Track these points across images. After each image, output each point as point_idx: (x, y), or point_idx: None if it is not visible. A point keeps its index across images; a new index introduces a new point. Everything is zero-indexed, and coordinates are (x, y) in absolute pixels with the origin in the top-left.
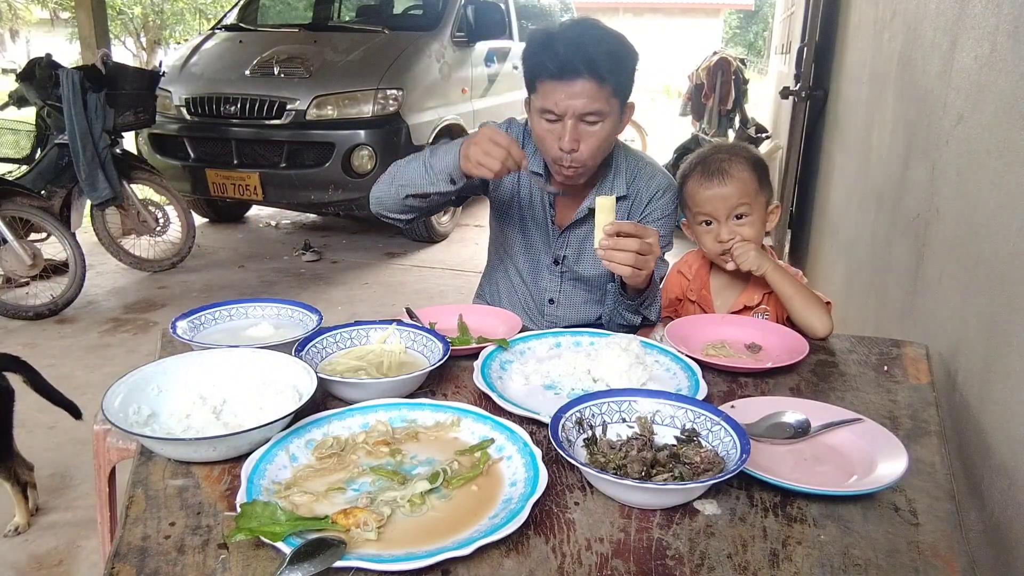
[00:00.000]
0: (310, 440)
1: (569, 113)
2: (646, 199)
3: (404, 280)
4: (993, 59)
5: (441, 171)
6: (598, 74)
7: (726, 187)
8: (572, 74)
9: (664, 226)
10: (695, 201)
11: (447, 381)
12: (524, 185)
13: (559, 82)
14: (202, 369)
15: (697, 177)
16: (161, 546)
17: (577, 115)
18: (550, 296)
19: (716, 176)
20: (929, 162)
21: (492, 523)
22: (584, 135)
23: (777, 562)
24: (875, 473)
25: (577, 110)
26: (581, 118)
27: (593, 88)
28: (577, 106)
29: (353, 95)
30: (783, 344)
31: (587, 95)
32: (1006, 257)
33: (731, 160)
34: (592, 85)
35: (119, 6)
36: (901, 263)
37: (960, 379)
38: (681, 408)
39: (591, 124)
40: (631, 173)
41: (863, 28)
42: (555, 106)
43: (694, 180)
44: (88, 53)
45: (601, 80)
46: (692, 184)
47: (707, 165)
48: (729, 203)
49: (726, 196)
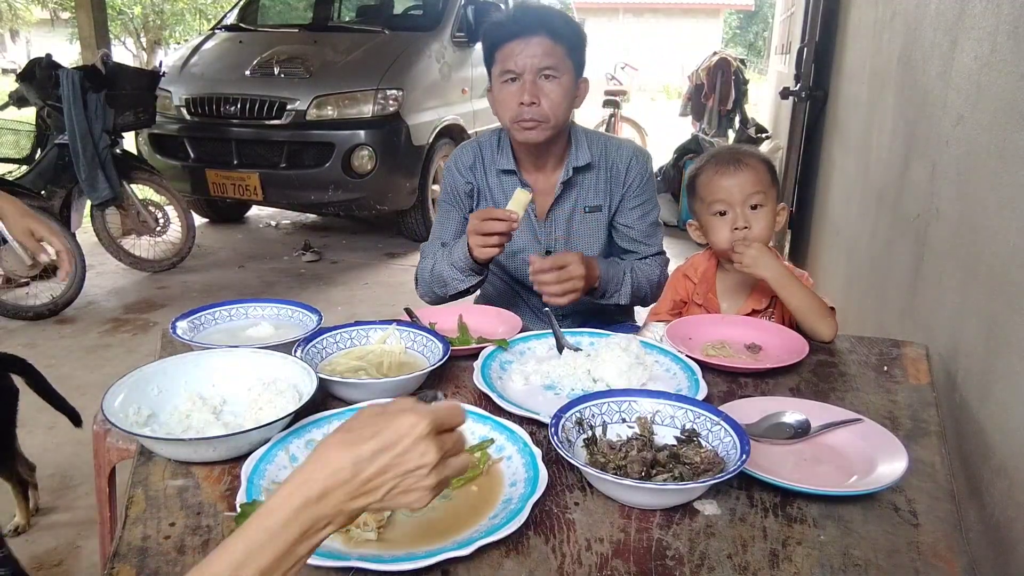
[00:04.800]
0: (310, 440)
1: (528, 69)
2: (623, 168)
3: (404, 280)
4: (993, 59)
5: (464, 268)
6: (553, 30)
7: (742, 174)
8: (529, 31)
9: (647, 190)
10: (709, 190)
11: (447, 381)
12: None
13: (518, 40)
14: (202, 369)
15: (712, 167)
16: (161, 546)
17: (536, 70)
18: None
19: (732, 163)
20: (929, 162)
21: (492, 523)
22: (543, 90)
23: (777, 562)
24: (875, 473)
25: (535, 65)
26: (539, 73)
27: (549, 44)
28: (535, 62)
29: (353, 95)
30: (783, 344)
31: (544, 50)
32: (1006, 257)
33: (745, 152)
34: (548, 41)
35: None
36: (901, 263)
37: (960, 379)
38: (681, 408)
39: (548, 79)
40: (597, 146)
41: (863, 28)
42: (514, 64)
43: (708, 171)
44: (88, 53)
45: (556, 36)
46: (706, 175)
47: (721, 156)
48: (745, 190)
49: (742, 183)
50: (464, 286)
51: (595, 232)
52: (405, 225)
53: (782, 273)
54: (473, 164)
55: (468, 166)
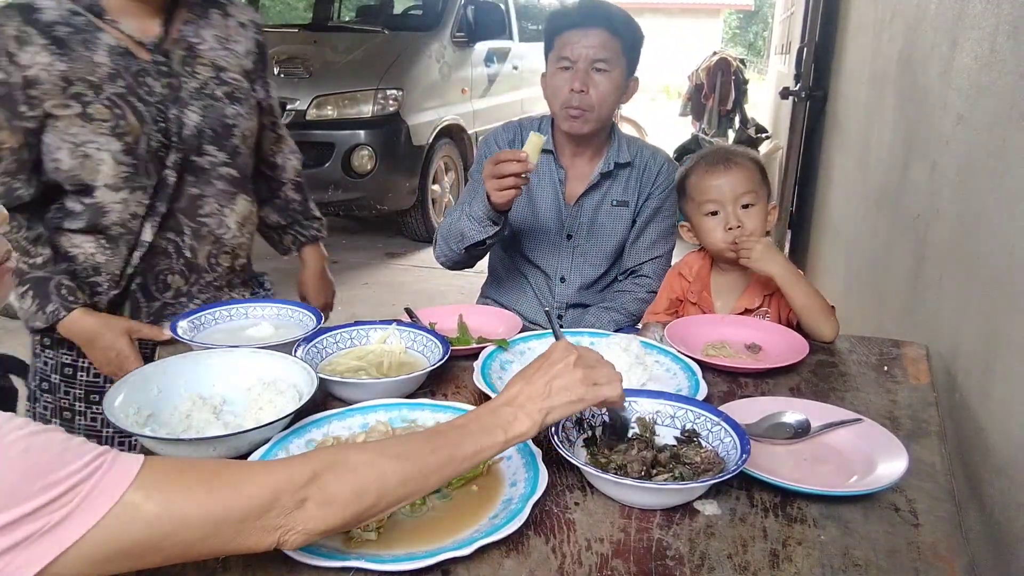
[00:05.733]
0: (310, 440)
1: (583, 58)
2: (655, 170)
3: (404, 280)
4: (993, 59)
5: (482, 218)
6: (613, 26)
7: (733, 173)
8: (589, 22)
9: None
10: (700, 190)
11: (447, 381)
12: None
13: (578, 30)
14: (202, 369)
15: (702, 168)
16: None
17: (590, 60)
18: (561, 275)
19: (722, 163)
20: (929, 162)
21: (492, 523)
22: (593, 82)
23: (777, 562)
24: (875, 473)
25: (591, 56)
26: (592, 65)
27: (607, 37)
28: (591, 52)
29: (353, 95)
30: (783, 344)
31: (600, 42)
32: (1006, 257)
33: (734, 152)
34: (606, 34)
35: None
36: (901, 263)
37: (960, 379)
38: (681, 408)
39: (600, 72)
40: (633, 147)
41: (863, 28)
42: (571, 52)
43: (698, 172)
44: None
45: (614, 31)
46: (696, 175)
47: (711, 157)
48: (736, 190)
49: (733, 182)
50: (479, 236)
51: (617, 224)
52: (405, 225)
53: (789, 270)
54: (513, 141)
55: (508, 141)
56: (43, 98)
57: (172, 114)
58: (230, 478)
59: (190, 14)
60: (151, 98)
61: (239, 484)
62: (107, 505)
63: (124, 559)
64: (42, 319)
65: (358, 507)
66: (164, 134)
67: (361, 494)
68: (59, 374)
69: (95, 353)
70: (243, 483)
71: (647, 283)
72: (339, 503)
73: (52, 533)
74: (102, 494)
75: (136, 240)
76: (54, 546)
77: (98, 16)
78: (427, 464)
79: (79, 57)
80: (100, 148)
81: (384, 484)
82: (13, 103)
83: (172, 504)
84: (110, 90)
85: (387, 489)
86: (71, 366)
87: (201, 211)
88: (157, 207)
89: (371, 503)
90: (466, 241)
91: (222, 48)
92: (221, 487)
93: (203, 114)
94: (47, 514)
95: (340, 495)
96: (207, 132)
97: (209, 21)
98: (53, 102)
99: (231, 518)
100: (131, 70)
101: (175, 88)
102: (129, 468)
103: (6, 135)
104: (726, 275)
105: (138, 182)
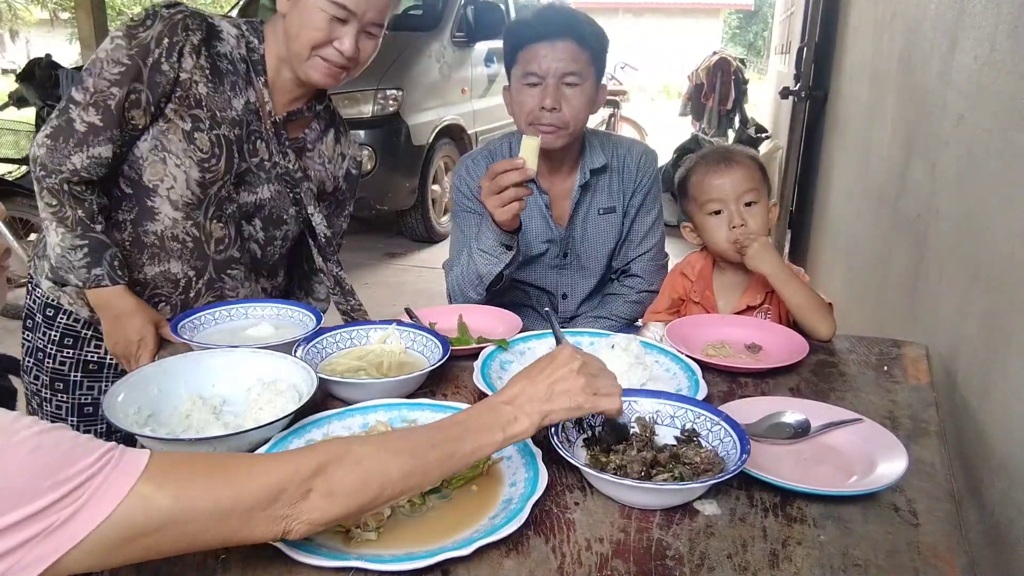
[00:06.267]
0: (310, 440)
1: (552, 73)
2: (633, 167)
3: (404, 280)
4: (993, 59)
5: (494, 247)
6: (580, 36)
7: (734, 172)
8: (555, 35)
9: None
10: (702, 189)
11: (447, 381)
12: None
13: (543, 42)
14: (202, 369)
15: (703, 167)
16: None
17: (559, 75)
18: (563, 292)
19: (723, 162)
20: (929, 162)
21: (492, 523)
22: (564, 96)
23: (777, 562)
24: (875, 473)
25: (559, 70)
26: (562, 80)
27: (575, 49)
28: (560, 66)
29: (353, 95)
30: (783, 344)
31: (570, 55)
32: (1006, 257)
33: (734, 151)
34: (574, 46)
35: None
36: (901, 263)
37: (960, 379)
38: (681, 408)
39: (571, 86)
40: (607, 147)
41: (863, 28)
42: (538, 67)
43: (700, 171)
44: (88, 53)
45: (582, 42)
46: (698, 175)
47: (711, 156)
48: (738, 188)
49: (735, 180)
50: (498, 267)
51: (608, 233)
52: (405, 225)
53: (782, 269)
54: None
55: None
56: (175, 101)
57: (254, 178)
58: (238, 469)
59: (319, 123)
60: (251, 157)
61: (247, 475)
62: (116, 499)
63: (133, 550)
64: (84, 277)
65: (361, 499)
66: (236, 188)
67: (364, 486)
68: (32, 357)
69: (119, 331)
70: (251, 474)
71: (637, 283)
72: (343, 495)
73: (62, 529)
74: (111, 488)
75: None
76: (64, 542)
77: (256, 72)
78: (428, 459)
79: (222, 92)
80: (179, 166)
81: (387, 478)
82: (160, 92)
83: (182, 495)
84: (224, 131)
85: (389, 482)
86: (42, 351)
87: (226, 272)
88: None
89: (374, 495)
90: (485, 280)
91: (320, 165)
92: (229, 478)
93: (271, 194)
94: (57, 511)
95: (344, 487)
96: (264, 210)
97: (326, 138)
98: (176, 108)
99: (239, 508)
100: (250, 126)
101: (273, 165)
102: (137, 462)
103: (140, 115)
104: (728, 274)
105: (194, 216)
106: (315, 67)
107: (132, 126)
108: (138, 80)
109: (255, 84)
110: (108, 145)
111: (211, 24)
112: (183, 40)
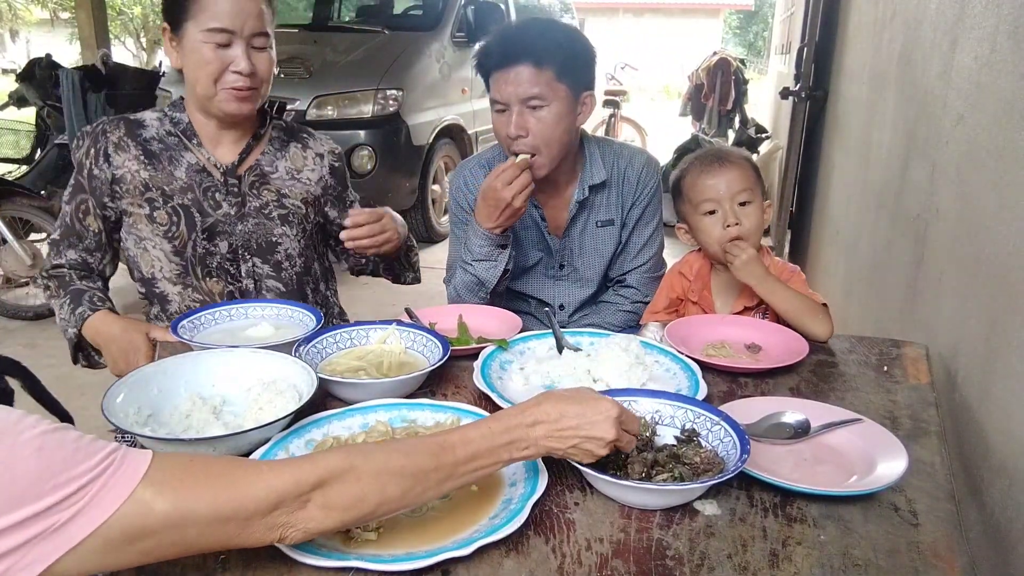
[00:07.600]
0: (310, 440)
1: (513, 100)
2: (634, 180)
3: None
4: (993, 59)
5: (490, 252)
6: (535, 57)
7: (728, 172)
8: (511, 61)
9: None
10: (697, 190)
11: (447, 381)
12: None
13: (501, 71)
14: (202, 369)
15: (697, 168)
16: None
17: (520, 100)
18: (560, 302)
19: (717, 162)
20: (929, 162)
21: (492, 523)
22: (531, 121)
23: (777, 562)
24: (875, 473)
25: (519, 95)
26: (525, 104)
27: (531, 72)
28: (519, 92)
29: (353, 95)
30: (783, 344)
31: (526, 79)
32: (1006, 257)
33: (727, 151)
34: (529, 69)
35: (119, 6)
36: (901, 263)
37: (960, 379)
38: (681, 408)
39: (535, 109)
40: (608, 159)
41: (863, 28)
42: (500, 95)
43: (693, 172)
44: (88, 53)
45: (538, 63)
46: (692, 176)
47: (705, 157)
48: (732, 188)
49: (729, 181)
50: (498, 269)
51: (606, 245)
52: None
53: (766, 280)
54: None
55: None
56: (123, 195)
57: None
58: (240, 477)
59: (270, 147)
60: (215, 211)
61: (248, 484)
62: (116, 503)
63: (130, 554)
64: (73, 322)
65: (357, 513)
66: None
67: (361, 503)
68: None
69: (113, 351)
70: (252, 483)
71: (632, 294)
72: (340, 508)
73: (62, 531)
74: (111, 492)
75: None
76: (63, 543)
77: (188, 139)
78: (428, 479)
79: (162, 169)
80: (155, 246)
81: (385, 495)
82: (101, 195)
83: (181, 501)
84: (177, 200)
85: (386, 500)
86: None
87: None
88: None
89: (370, 511)
90: (488, 283)
91: (290, 178)
92: (230, 486)
93: (254, 229)
94: (57, 512)
95: (342, 502)
96: (252, 245)
97: (286, 153)
98: (130, 200)
99: (239, 516)
100: (202, 186)
101: (239, 205)
102: (138, 465)
103: (92, 219)
104: (725, 274)
105: (188, 283)
106: (225, 99)
107: (91, 231)
108: (82, 192)
109: (191, 148)
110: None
111: (130, 120)
112: (104, 143)
